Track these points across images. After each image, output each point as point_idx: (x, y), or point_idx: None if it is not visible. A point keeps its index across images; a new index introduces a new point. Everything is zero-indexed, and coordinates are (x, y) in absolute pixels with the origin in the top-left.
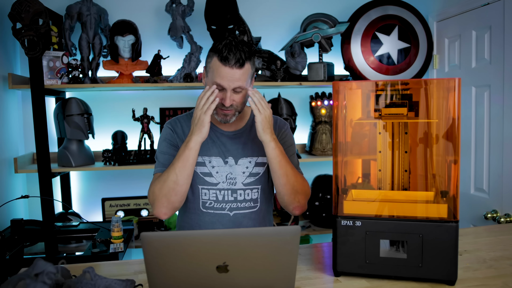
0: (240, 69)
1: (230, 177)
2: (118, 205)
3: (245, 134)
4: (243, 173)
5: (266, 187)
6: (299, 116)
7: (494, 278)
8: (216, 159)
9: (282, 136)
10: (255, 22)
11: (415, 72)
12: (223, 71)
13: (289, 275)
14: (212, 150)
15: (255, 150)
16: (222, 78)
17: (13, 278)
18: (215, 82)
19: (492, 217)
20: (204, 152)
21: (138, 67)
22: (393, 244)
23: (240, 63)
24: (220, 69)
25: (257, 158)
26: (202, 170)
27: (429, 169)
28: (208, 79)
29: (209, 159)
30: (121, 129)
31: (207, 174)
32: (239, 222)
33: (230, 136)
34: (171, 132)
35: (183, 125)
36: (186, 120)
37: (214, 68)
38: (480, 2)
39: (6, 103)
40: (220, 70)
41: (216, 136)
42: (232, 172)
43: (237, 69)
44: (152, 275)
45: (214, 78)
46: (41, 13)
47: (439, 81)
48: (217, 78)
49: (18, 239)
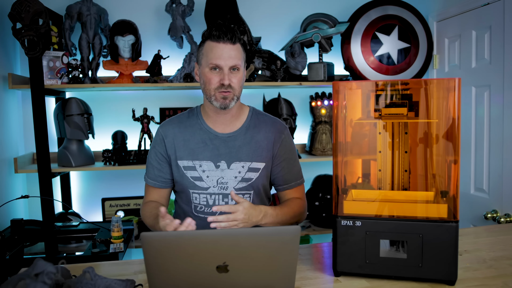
0: (234, 45)
1: (221, 181)
2: (118, 205)
3: (240, 136)
4: (235, 177)
5: (259, 192)
6: (299, 116)
7: (494, 278)
8: (207, 163)
9: (282, 143)
10: (255, 22)
11: (415, 72)
12: (218, 49)
13: (289, 275)
14: (204, 154)
15: (249, 155)
16: (218, 57)
17: (13, 278)
18: (211, 63)
19: (492, 217)
20: (195, 156)
21: (138, 67)
22: (393, 244)
23: (233, 40)
24: (214, 48)
25: (251, 163)
26: (192, 174)
27: (429, 169)
28: (202, 67)
29: (200, 163)
30: (121, 129)
31: (197, 178)
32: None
33: (224, 139)
34: (161, 140)
35: (174, 127)
36: (181, 120)
37: (208, 50)
38: (480, 2)
39: (6, 103)
40: (215, 49)
41: (209, 139)
42: (224, 176)
43: (231, 44)
44: (152, 275)
45: (209, 60)
46: (41, 13)
47: (439, 81)
48: (212, 58)
49: (18, 239)
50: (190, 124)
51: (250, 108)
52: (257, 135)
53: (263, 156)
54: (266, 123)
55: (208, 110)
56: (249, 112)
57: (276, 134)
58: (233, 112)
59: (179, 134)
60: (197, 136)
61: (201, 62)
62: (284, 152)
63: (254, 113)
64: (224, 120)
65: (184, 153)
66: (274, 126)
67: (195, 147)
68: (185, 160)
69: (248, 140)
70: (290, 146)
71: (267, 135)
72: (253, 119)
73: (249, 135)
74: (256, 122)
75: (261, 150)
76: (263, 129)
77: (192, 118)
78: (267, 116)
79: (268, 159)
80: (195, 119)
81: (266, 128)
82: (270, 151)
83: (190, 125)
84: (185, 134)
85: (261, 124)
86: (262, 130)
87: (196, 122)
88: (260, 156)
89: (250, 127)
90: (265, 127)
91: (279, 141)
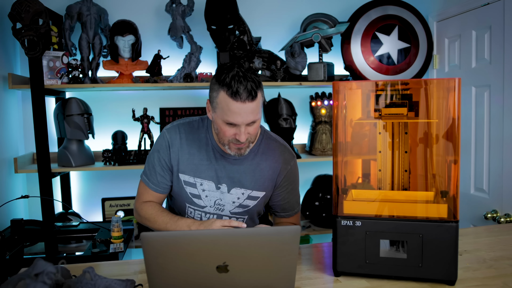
0: (253, 102)
1: (219, 203)
2: (118, 205)
3: (246, 161)
4: (233, 202)
5: (253, 217)
6: (299, 116)
7: (494, 278)
8: (208, 183)
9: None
10: (255, 22)
11: (415, 72)
12: (235, 108)
13: (289, 275)
14: (207, 173)
15: (252, 183)
16: (235, 116)
17: (13, 278)
18: (226, 121)
19: (492, 217)
20: (198, 174)
21: (138, 67)
22: (393, 244)
23: (253, 95)
24: (231, 106)
25: (251, 192)
26: (192, 191)
27: (429, 169)
28: (216, 115)
29: (201, 181)
30: (121, 129)
31: (196, 196)
32: None
33: (230, 161)
34: (167, 147)
35: (182, 137)
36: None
37: (224, 105)
38: (480, 2)
39: (6, 103)
40: (232, 107)
41: (215, 158)
42: (222, 199)
43: (250, 102)
44: (152, 275)
45: (225, 116)
46: (41, 13)
47: (439, 81)
48: (229, 116)
49: (18, 239)
50: (199, 138)
51: (261, 131)
52: (263, 163)
53: (265, 185)
54: (274, 152)
55: None
56: (259, 135)
57: (282, 165)
58: None
59: (185, 146)
60: (203, 152)
61: (215, 110)
62: (288, 183)
63: (265, 137)
64: None
65: (187, 167)
66: (282, 156)
67: (199, 163)
68: (186, 175)
69: (253, 167)
70: (294, 178)
71: (273, 165)
72: (263, 144)
73: (255, 162)
74: (265, 148)
75: (264, 180)
76: (270, 157)
77: (201, 131)
78: (277, 142)
79: (270, 188)
80: (205, 133)
81: (273, 157)
82: (273, 181)
83: (198, 138)
84: (192, 147)
85: (269, 151)
86: (269, 158)
87: (204, 136)
88: (262, 185)
89: (259, 153)
90: (273, 156)
91: (284, 172)
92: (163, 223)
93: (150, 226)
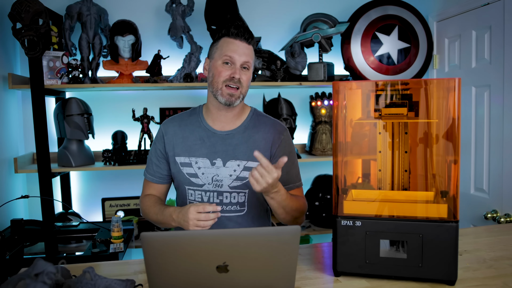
0: (249, 46)
1: (216, 179)
2: (118, 205)
3: (238, 135)
4: (230, 176)
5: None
6: (299, 116)
7: (494, 278)
8: (203, 160)
9: (281, 144)
10: (255, 22)
11: (415, 72)
12: (234, 44)
13: (289, 275)
14: (200, 151)
15: (245, 154)
16: (233, 51)
17: (13, 278)
18: (225, 55)
19: (492, 217)
20: (192, 153)
21: (138, 67)
22: (393, 244)
23: (248, 40)
24: (230, 44)
25: (246, 162)
26: (188, 170)
27: (429, 169)
28: (214, 60)
29: (196, 159)
30: (121, 129)
31: (193, 175)
32: (224, 225)
33: (222, 136)
34: (161, 137)
35: (175, 124)
36: (182, 119)
37: (223, 45)
38: (480, 2)
39: (6, 103)
40: (231, 44)
41: (207, 136)
42: (219, 174)
43: (246, 44)
44: (152, 275)
45: (223, 52)
46: (41, 13)
47: (439, 81)
48: (227, 51)
49: (18, 239)
50: (191, 122)
51: (252, 109)
52: (255, 135)
53: None
54: (265, 124)
55: (210, 107)
56: (250, 112)
57: (275, 135)
58: (235, 111)
59: (178, 131)
60: (195, 133)
61: (214, 56)
62: (283, 153)
63: (255, 113)
64: (224, 118)
65: (182, 149)
66: (273, 127)
67: (192, 144)
68: (182, 156)
69: (245, 139)
70: (289, 148)
71: (265, 135)
72: (253, 119)
73: (247, 134)
74: (255, 122)
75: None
76: (262, 129)
77: (193, 117)
78: (267, 117)
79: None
80: (196, 117)
81: (265, 128)
82: (267, 152)
83: (191, 123)
84: (185, 131)
85: (260, 124)
86: (261, 130)
87: (196, 120)
88: None
89: (249, 126)
90: (264, 127)
91: (277, 142)
92: (155, 214)
93: (149, 219)
